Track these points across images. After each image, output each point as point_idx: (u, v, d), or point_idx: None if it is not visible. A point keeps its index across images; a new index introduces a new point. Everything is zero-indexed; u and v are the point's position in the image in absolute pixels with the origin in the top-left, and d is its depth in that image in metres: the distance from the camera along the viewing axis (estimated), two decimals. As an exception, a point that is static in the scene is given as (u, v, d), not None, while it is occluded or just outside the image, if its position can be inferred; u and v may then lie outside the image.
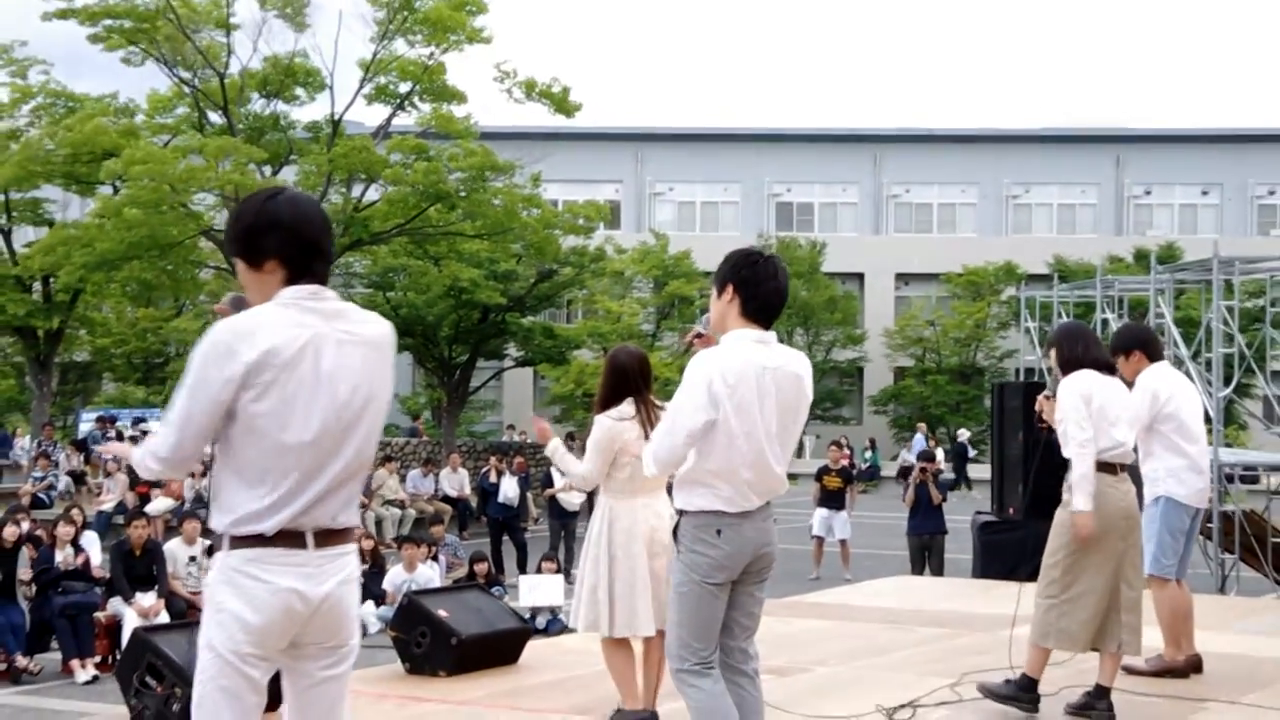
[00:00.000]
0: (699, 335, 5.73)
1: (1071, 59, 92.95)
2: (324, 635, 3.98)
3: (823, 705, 7.53)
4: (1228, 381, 17.02)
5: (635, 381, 7.05)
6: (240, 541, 3.85)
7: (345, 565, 3.98)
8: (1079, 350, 7.31)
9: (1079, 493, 7.08)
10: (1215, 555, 15.99)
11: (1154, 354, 8.45)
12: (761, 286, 5.29)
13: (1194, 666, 8.42)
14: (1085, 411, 7.11)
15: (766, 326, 5.33)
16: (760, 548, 5.32)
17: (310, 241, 3.97)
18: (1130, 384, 8.33)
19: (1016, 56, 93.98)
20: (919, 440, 36.94)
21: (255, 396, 3.80)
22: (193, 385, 3.84)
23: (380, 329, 4.06)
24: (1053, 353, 7.50)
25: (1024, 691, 7.23)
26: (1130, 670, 8.36)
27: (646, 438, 6.73)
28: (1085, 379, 7.20)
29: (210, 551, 4.00)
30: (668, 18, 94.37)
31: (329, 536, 3.92)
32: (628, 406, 7.00)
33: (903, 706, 7.41)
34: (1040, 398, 7.65)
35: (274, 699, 4.06)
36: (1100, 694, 7.27)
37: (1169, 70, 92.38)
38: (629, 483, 6.97)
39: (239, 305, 4.15)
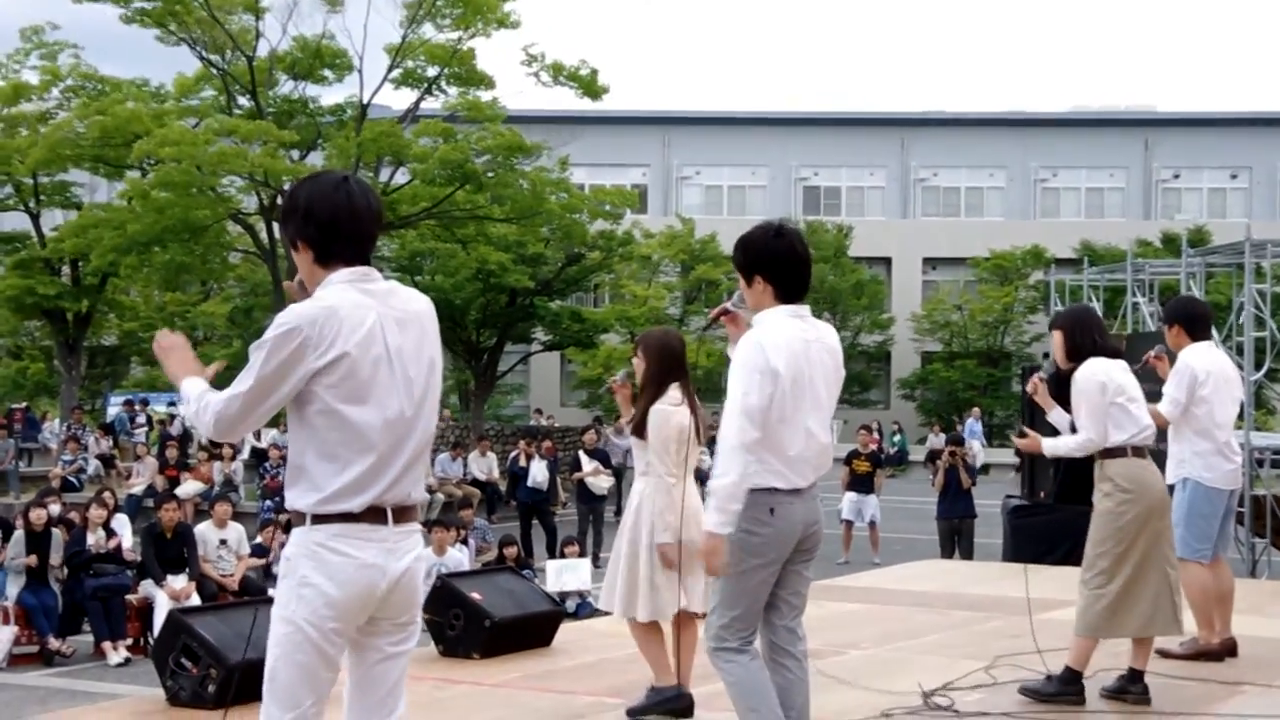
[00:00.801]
0: (725, 312, 5.67)
1: (1099, 42, 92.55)
2: (397, 611, 4.04)
3: (862, 686, 7.53)
4: (1258, 366, 16.92)
5: (682, 365, 6.97)
6: (325, 518, 3.92)
7: (417, 542, 4.08)
8: (1091, 340, 7.20)
9: (1055, 445, 7.28)
10: (1246, 539, 15.92)
11: (1196, 331, 8.36)
12: (785, 267, 5.30)
13: (1229, 650, 8.38)
14: (1100, 403, 7.03)
15: (801, 300, 5.36)
16: (810, 525, 5.36)
17: (328, 222, 4.01)
18: (1173, 357, 8.32)
19: (1044, 39, 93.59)
20: (973, 425, 36.72)
21: (334, 381, 3.88)
22: (267, 372, 3.88)
23: (424, 303, 4.18)
24: (1057, 335, 7.34)
25: (1068, 685, 7.15)
26: (1164, 654, 8.33)
27: (694, 421, 6.85)
28: (1102, 367, 7.10)
29: (288, 528, 4.15)
30: (694, 2, 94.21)
31: (404, 513, 4.01)
32: (675, 392, 6.88)
33: (939, 689, 7.39)
34: (1035, 378, 7.58)
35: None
36: (1135, 678, 7.23)
37: (1197, 53, 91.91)
38: (680, 465, 6.86)
39: (305, 285, 4.17)
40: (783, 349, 5.16)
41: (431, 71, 29.78)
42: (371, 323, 3.93)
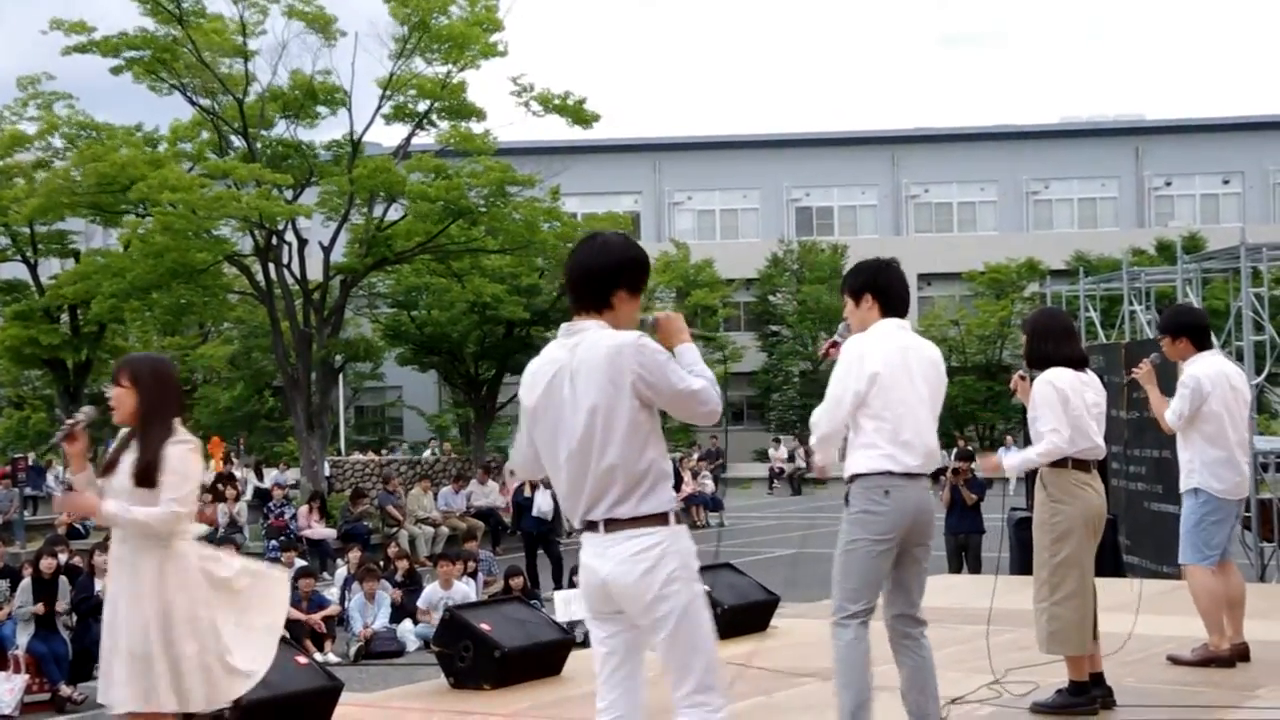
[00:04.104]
0: (834, 344, 6.27)
1: (1086, 52, 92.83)
2: (623, 604, 4.72)
3: (878, 705, 7.51)
4: (1259, 371, 16.92)
5: (182, 398, 6.23)
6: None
7: (633, 547, 4.66)
8: (1048, 348, 7.26)
9: (1015, 463, 7.38)
10: (1254, 544, 15.90)
11: (1202, 342, 8.39)
12: (893, 289, 6.12)
13: (1240, 655, 8.37)
14: (1062, 410, 7.05)
15: (902, 316, 6.09)
16: (922, 511, 5.94)
17: (570, 280, 4.87)
18: (1174, 366, 8.34)
19: (1031, 51, 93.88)
20: (1004, 453, 36.70)
21: (530, 424, 4.87)
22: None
23: (603, 349, 4.67)
24: (1024, 341, 7.51)
25: (1076, 697, 7.19)
26: (1176, 660, 8.36)
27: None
28: (1062, 377, 7.13)
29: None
30: (680, 27, 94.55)
31: (614, 524, 4.67)
32: (184, 430, 6.04)
33: (952, 702, 7.39)
34: (1015, 377, 7.60)
35: None
36: (1096, 681, 7.26)
37: (1185, 60, 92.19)
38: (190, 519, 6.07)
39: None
40: (879, 352, 5.89)
41: (422, 106, 29.83)
42: (552, 375, 4.74)
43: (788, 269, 48.93)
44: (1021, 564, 14.96)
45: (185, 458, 5.91)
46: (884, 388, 5.82)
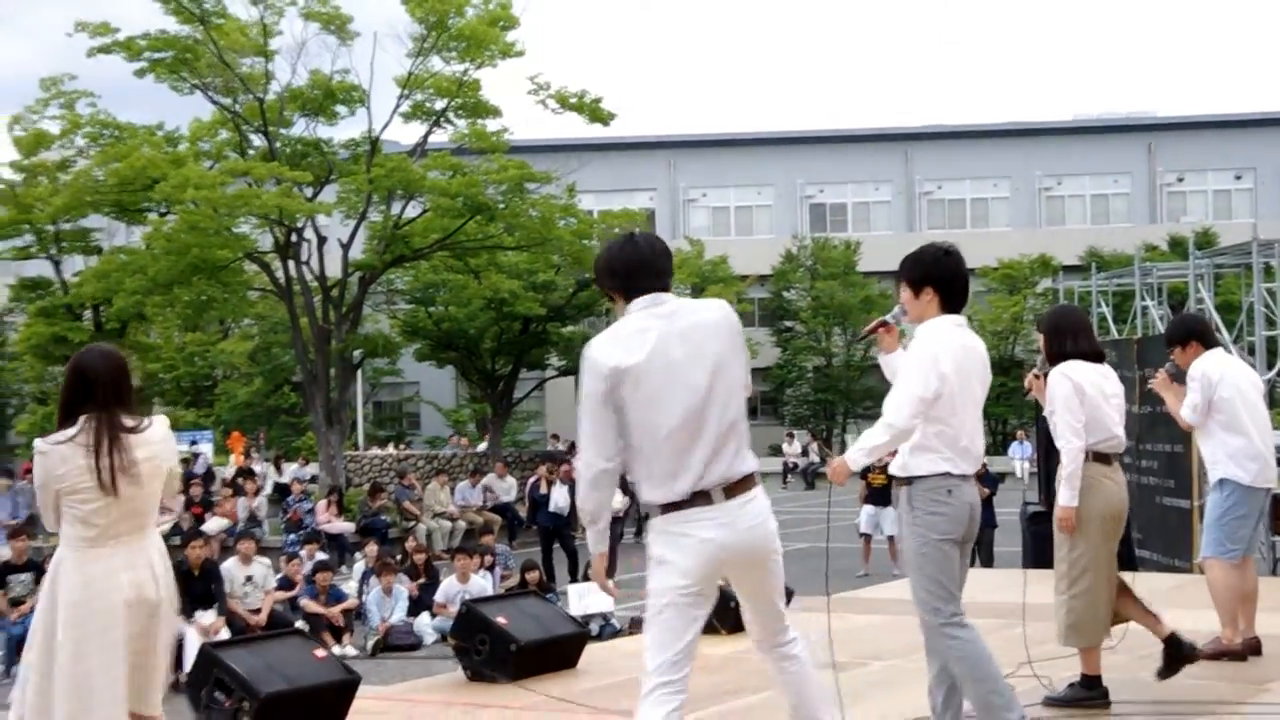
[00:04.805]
0: (884, 324, 6.31)
1: (1099, 48, 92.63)
2: (743, 567, 4.95)
3: (886, 698, 7.59)
4: (1270, 365, 16.98)
5: (96, 391, 5.68)
6: (667, 507, 4.82)
7: (755, 509, 4.94)
8: (1066, 345, 7.31)
9: (1066, 488, 7.11)
10: (1266, 538, 15.96)
11: (1209, 342, 8.55)
12: (955, 281, 6.08)
13: (1252, 649, 8.43)
14: (1078, 404, 7.10)
15: (959, 311, 6.08)
16: (976, 508, 6.06)
17: (629, 269, 4.94)
18: (1184, 374, 8.46)
19: (1042, 49, 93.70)
20: (1016, 448, 36.77)
21: (628, 395, 4.76)
22: (583, 398, 4.87)
23: (712, 312, 4.95)
24: (1041, 339, 7.55)
25: (1088, 690, 7.25)
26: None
27: (100, 466, 5.56)
28: (1076, 369, 7.19)
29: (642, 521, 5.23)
30: (693, 26, 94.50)
31: (733, 489, 4.86)
32: (74, 427, 5.62)
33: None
34: (1030, 376, 7.67)
35: None
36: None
37: (1196, 56, 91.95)
38: (90, 526, 5.55)
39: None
40: (950, 354, 5.90)
41: (439, 104, 29.94)
42: (656, 339, 4.78)
43: (802, 265, 48.94)
44: (1035, 558, 15.05)
45: (34, 462, 5.65)
46: (951, 393, 5.87)
